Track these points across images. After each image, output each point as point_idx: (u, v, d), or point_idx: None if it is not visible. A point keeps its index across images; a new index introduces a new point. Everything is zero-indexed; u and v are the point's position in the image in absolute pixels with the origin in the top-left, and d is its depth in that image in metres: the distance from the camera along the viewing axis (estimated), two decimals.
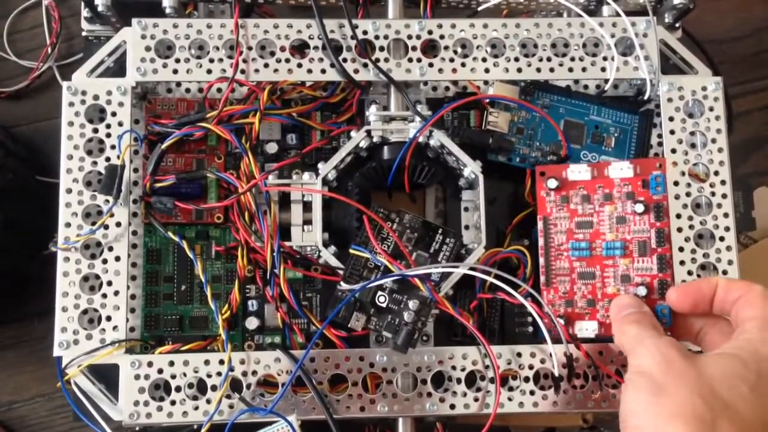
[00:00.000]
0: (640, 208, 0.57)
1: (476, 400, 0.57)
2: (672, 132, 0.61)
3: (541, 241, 0.58)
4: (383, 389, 0.57)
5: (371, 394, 0.57)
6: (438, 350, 0.57)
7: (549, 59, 0.61)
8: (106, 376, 0.57)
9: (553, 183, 0.58)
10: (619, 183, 0.58)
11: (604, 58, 0.61)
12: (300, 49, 0.61)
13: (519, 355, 0.57)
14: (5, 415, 0.80)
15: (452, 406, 0.57)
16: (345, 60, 0.60)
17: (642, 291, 0.56)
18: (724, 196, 0.60)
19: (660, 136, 0.62)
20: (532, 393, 0.57)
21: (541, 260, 0.58)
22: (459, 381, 0.57)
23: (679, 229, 0.59)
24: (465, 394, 0.57)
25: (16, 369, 0.81)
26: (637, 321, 0.51)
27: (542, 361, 0.57)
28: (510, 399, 0.57)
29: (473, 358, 0.57)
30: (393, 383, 0.57)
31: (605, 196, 0.58)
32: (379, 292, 0.57)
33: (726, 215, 0.59)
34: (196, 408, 0.56)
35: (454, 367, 0.57)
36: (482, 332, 0.57)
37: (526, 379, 0.57)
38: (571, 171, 0.58)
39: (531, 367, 0.57)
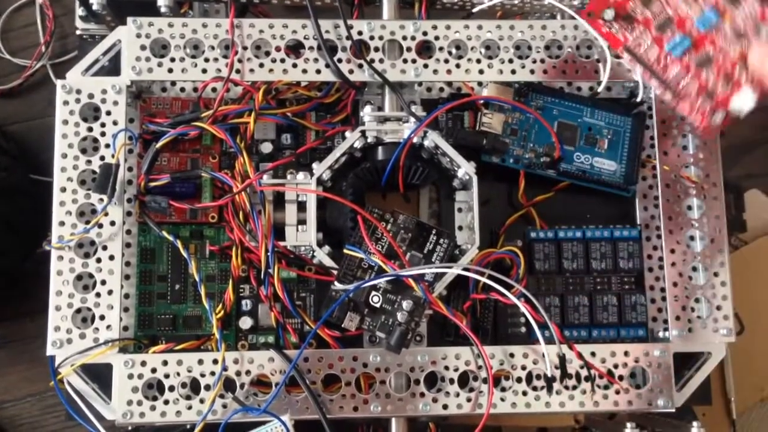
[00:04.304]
0: None
1: (469, 400, 0.57)
2: (664, 134, 0.61)
3: (640, 69, 0.54)
4: (376, 389, 0.57)
5: (364, 394, 0.57)
6: (431, 350, 0.58)
7: (543, 61, 0.61)
8: (99, 375, 0.57)
9: (609, 14, 0.56)
10: None
11: (597, 60, 0.62)
12: (295, 49, 0.61)
13: (512, 355, 0.57)
14: None
15: (445, 407, 0.57)
16: (340, 60, 0.60)
17: None
18: (715, 198, 0.60)
19: (653, 137, 0.62)
20: (524, 393, 0.57)
21: (655, 83, 0.54)
22: (452, 381, 0.57)
23: (671, 231, 0.59)
24: (458, 395, 0.57)
25: (8, 368, 0.81)
26: None
27: (535, 362, 0.57)
28: (503, 399, 0.57)
29: (466, 358, 0.57)
30: (386, 383, 0.57)
31: None
32: (373, 293, 0.57)
33: (717, 217, 0.60)
34: (190, 407, 0.56)
35: (447, 368, 0.57)
36: (475, 333, 0.57)
37: (519, 380, 0.57)
38: None
39: (524, 368, 0.57)
